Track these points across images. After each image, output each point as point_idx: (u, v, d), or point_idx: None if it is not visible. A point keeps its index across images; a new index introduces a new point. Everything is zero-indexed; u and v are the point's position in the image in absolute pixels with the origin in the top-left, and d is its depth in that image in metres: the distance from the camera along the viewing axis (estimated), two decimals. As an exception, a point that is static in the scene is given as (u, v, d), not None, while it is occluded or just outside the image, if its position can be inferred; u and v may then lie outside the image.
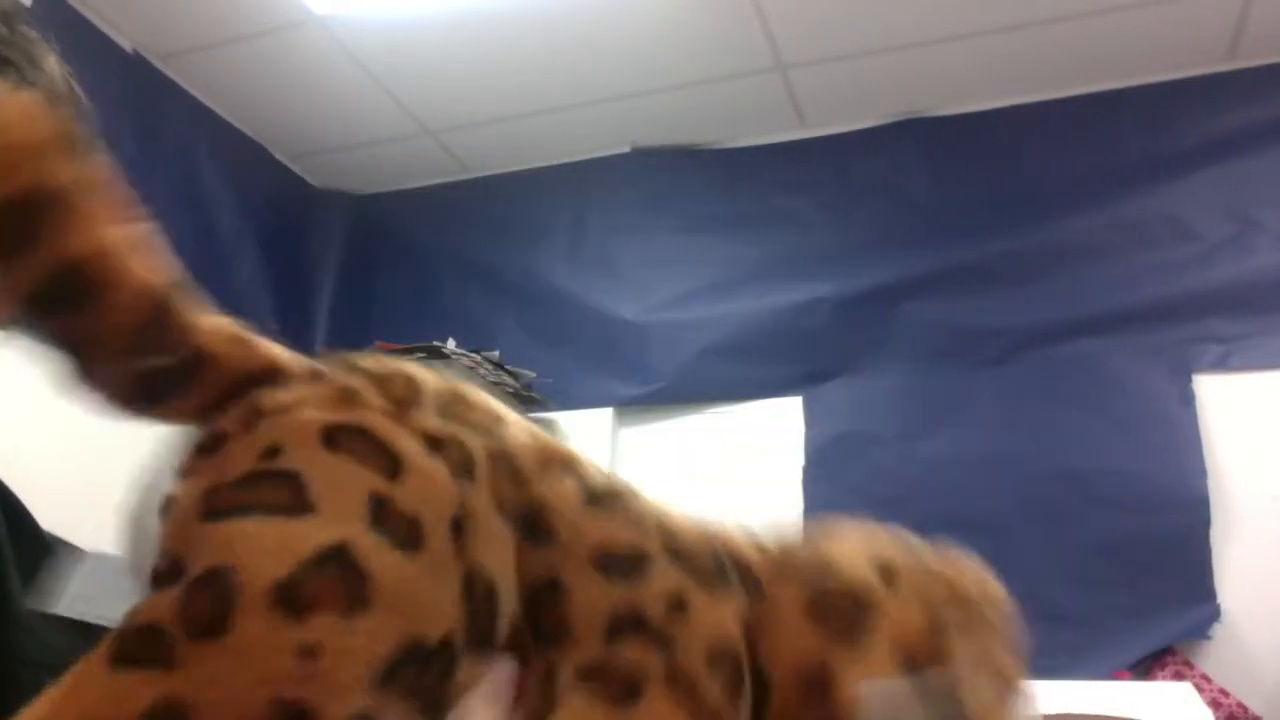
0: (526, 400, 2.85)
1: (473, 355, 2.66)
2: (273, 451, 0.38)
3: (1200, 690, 1.92)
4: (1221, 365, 2.38)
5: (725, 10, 2.51)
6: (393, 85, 2.87)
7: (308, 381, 0.42)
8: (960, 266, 2.64)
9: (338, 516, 0.37)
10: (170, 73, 2.83)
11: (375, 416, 0.41)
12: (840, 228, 2.81)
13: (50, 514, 0.70)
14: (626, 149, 3.08)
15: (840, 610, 0.50)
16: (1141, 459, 2.34)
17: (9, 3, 0.58)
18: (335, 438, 0.39)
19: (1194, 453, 2.32)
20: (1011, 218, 2.64)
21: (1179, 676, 2.13)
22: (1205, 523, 2.26)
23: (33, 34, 0.59)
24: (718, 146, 3.02)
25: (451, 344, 2.63)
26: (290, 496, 0.37)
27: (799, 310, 2.74)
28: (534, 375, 2.80)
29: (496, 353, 2.74)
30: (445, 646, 0.39)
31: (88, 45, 2.55)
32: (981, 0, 2.45)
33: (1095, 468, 2.37)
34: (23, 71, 0.56)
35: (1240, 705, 2.09)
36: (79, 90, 0.61)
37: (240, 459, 0.38)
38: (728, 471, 2.68)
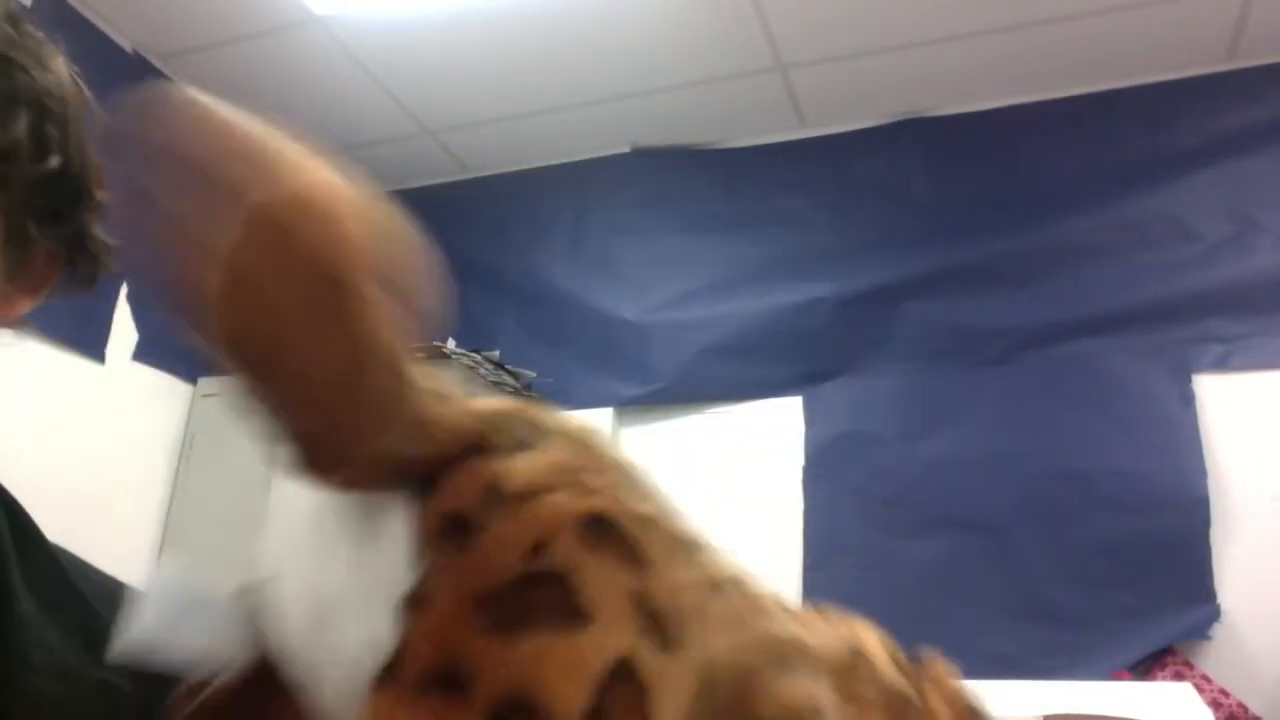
0: (526, 400, 2.84)
1: (473, 355, 2.65)
2: (538, 549, 0.37)
3: (1200, 690, 1.92)
4: (1221, 365, 2.38)
5: (725, 10, 2.51)
6: (393, 85, 2.87)
7: (520, 449, 0.40)
8: (960, 266, 2.64)
9: (612, 624, 0.37)
10: (170, 73, 2.83)
11: (610, 502, 0.40)
12: (840, 228, 2.81)
13: (51, 521, 0.70)
14: (626, 149, 3.08)
15: None
16: (1141, 459, 2.34)
17: (11, 5, 0.58)
18: (591, 532, 0.38)
19: (1194, 453, 2.32)
20: (1011, 218, 2.64)
21: (1179, 677, 2.13)
22: (1205, 523, 2.26)
23: (39, 34, 0.59)
24: (718, 146, 3.02)
25: (451, 344, 2.63)
26: (566, 603, 0.37)
27: (799, 310, 2.74)
28: (534, 375, 2.80)
29: (496, 353, 2.73)
30: None
31: (88, 45, 2.55)
32: (981, 0, 2.45)
33: (1095, 468, 2.37)
34: (32, 73, 0.56)
35: (1240, 705, 2.09)
36: (87, 92, 0.61)
37: (505, 557, 0.37)
38: (728, 471, 2.68)
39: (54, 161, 0.56)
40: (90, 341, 2.52)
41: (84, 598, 0.63)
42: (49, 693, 0.56)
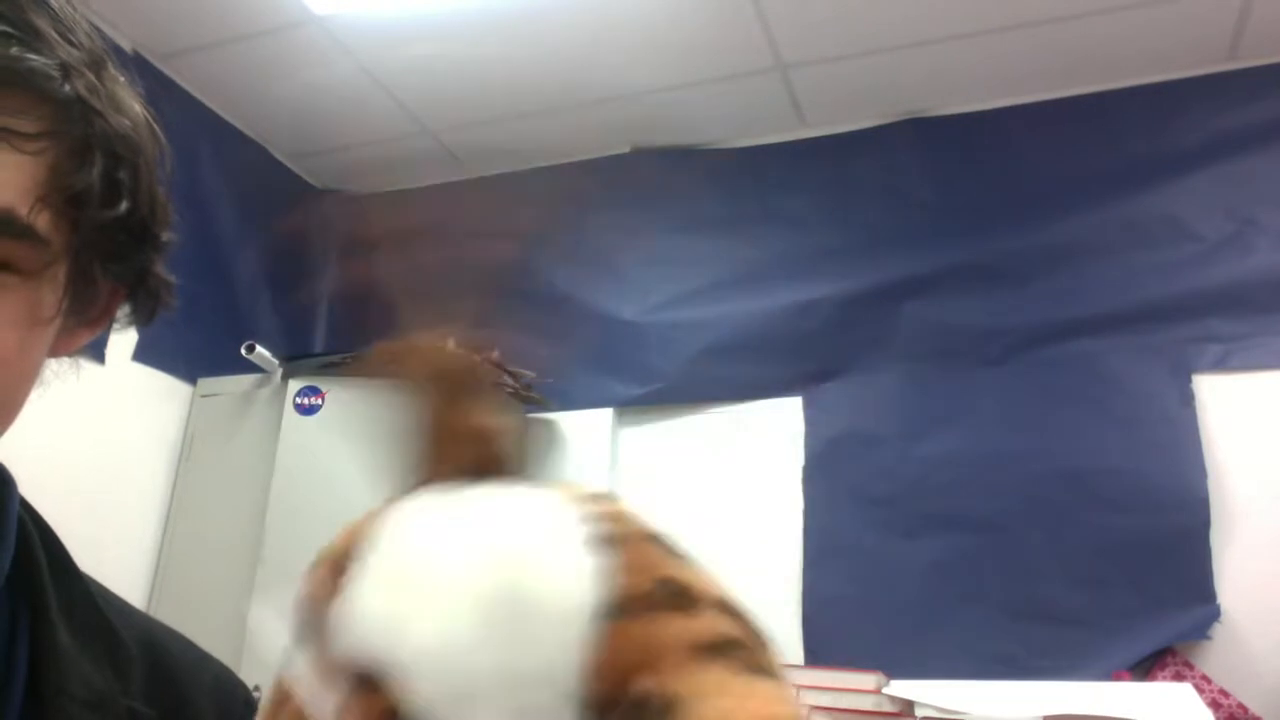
0: (526, 400, 2.84)
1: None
2: None
3: (1200, 691, 1.92)
4: (1221, 365, 2.38)
5: (725, 10, 2.51)
6: (393, 85, 2.87)
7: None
8: (960, 266, 2.64)
9: None
10: (170, 73, 2.83)
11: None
12: (840, 228, 2.80)
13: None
14: (626, 149, 3.08)
15: None
16: (1141, 459, 2.34)
17: (99, 49, 0.59)
18: None
19: (1194, 453, 2.32)
20: (1011, 218, 2.64)
21: (1179, 677, 2.13)
22: (1205, 523, 2.26)
23: (121, 77, 0.61)
24: (718, 146, 3.02)
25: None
26: None
27: (799, 310, 2.74)
28: (534, 375, 2.80)
29: (496, 353, 2.73)
30: None
31: (88, 45, 2.55)
32: (981, 0, 2.45)
33: (1095, 468, 2.37)
34: (108, 119, 0.57)
35: (1241, 706, 2.09)
36: (160, 131, 0.63)
37: None
38: (728, 471, 2.68)
39: (123, 207, 0.58)
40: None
41: (112, 626, 0.64)
42: None
